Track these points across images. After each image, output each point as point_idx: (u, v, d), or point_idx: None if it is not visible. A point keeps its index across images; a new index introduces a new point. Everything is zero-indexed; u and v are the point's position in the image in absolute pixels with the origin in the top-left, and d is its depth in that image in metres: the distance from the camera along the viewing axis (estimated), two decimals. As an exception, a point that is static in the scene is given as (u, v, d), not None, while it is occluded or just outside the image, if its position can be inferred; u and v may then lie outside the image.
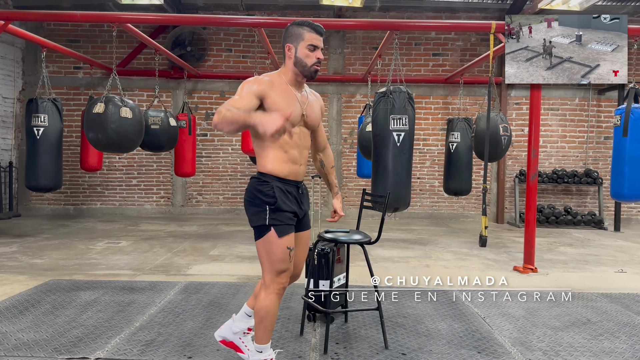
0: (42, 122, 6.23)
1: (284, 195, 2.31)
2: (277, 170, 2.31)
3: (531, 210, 5.19)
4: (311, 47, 2.31)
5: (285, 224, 2.29)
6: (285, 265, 2.30)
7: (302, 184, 2.44)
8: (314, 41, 2.31)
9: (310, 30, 2.31)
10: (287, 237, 2.30)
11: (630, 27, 5.40)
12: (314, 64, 2.33)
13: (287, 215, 2.31)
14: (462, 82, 8.17)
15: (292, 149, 2.32)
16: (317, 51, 2.32)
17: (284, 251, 2.29)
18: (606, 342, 3.09)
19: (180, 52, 8.53)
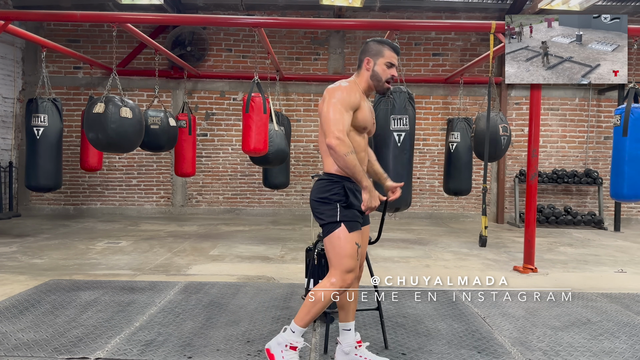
0: (42, 122, 6.23)
1: (352, 194, 2.42)
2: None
3: (531, 210, 5.19)
4: (389, 64, 2.48)
5: (355, 221, 2.41)
6: (353, 261, 2.37)
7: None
8: (392, 59, 2.49)
9: (390, 49, 2.49)
10: (356, 233, 2.40)
11: (630, 27, 5.41)
12: (387, 80, 2.50)
13: (356, 212, 2.43)
14: (462, 82, 8.17)
15: (361, 152, 2.48)
16: (392, 69, 2.49)
17: (353, 246, 2.37)
18: (606, 342, 3.09)
19: (180, 52, 8.53)
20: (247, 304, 3.70)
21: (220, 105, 9.10)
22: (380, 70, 2.48)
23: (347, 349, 2.60)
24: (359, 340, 2.63)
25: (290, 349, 2.44)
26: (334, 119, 2.31)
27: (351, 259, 2.36)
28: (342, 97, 2.36)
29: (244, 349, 2.86)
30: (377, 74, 2.48)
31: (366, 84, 2.52)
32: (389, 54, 2.48)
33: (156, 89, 7.10)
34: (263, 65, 7.23)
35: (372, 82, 2.50)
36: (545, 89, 8.75)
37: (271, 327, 3.21)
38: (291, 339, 2.44)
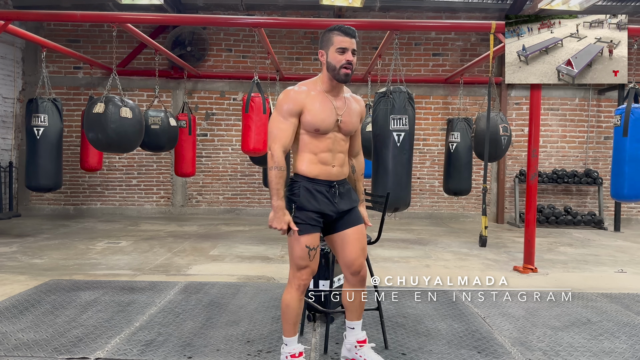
0: (42, 122, 6.22)
1: (310, 195, 2.38)
2: (307, 171, 2.40)
3: (531, 210, 5.19)
4: (340, 50, 2.33)
5: (307, 224, 2.37)
6: (303, 262, 2.38)
7: (337, 184, 2.45)
8: (342, 44, 2.33)
9: (339, 34, 2.34)
10: (306, 236, 2.37)
11: (630, 27, 5.41)
12: (342, 66, 2.33)
13: (310, 215, 2.37)
14: (462, 82, 8.17)
15: (323, 153, 2.40)
16: (346, 53, 2.33)
17: (302, 249, 2.36)
18: (606, 342, 3.08)
19: (180, 52, 8.53)
20: (247, 304, 3.70)
21: (220, 105, 9.10)
22: (332, 59, 2.34)
23: (348, 346, 2.64)
24: (362, 340, 2.60)
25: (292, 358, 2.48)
26: (269, 132, 2.38)
27: (301, 260, 2.38)
28: (279, 106, 2.38)
29: (244, 349, 2.86)
30: (330, 64, 2.35)
31: (327, 79, 2.41)
32: (339, 39, 2.33)
33: (156, 89, 7.10)
34: (263, 65, 7.23)
35: (329, 74, 2.38)
36: (545, 89, 8.75)
37: (271, 327, 3.21)
38: (287, 351, 2.49)
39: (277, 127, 2.35)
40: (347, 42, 2.33)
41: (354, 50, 2.35)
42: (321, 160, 2.40)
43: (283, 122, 2.35)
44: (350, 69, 2.35)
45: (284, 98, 2.38)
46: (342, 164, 2.48)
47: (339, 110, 2.42)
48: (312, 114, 2.35)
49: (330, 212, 2.42)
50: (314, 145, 2.39)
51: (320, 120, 2.36)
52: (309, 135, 2.39)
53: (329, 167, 2.41)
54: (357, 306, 2.59)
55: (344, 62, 2.33)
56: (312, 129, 2.37)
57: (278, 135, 2.34)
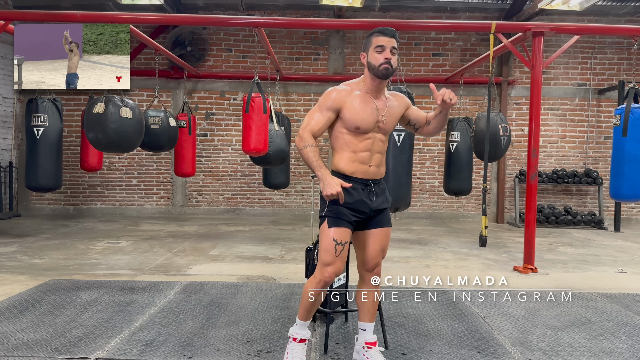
0: (42, 122, 6.22)
1: (345, 190, 2.40)
2: (344, 169, 2.46)
3: (531, 210, 5.19)
4: (379, 48, 2.40)
5: (337, 217, 2.41)
6: (329, 256, 2.40)
7: (373, 183, 2.48)
8: (380, 42, 2.40)
9: (377, 35, 2.42)
10: (336, 229, 2.41)
11: (630, 27, 5.40)
12: (381, 64, 2.39)
13: (342, 210, 2.41)
14: (462, 82, 8.16)
15: (362, 152, 2.45)
16: (385, 52, 2.39)
17: (330, 242, 2.40)
18: (606, 342, 3.09)
19: (180, 52, 8.53)
20: (247, 304, 3.70)
21: (220, 105, 9.10)
22: (372, 58, 2.42)
23: (357, 347, 2.67)
24: (370, 342, 2.59)
25: (293, 341, 2.56)
26: (304, 121, 2.49)
27: (327, 253, 2.40)
28: (320, 100, 2.48)
29: (244, 349, 2.86)
30: (370, 64, 2.43)
31: (369, 79, 2.47)
32: (376, 39, 2.42)
33: (156, 89, 7.10)
34: (263, 65, 7.23)
35: (371, 74, 2.44)
36: (546, 88, 8.76)
37: (271, 327, 3.21)
38: (294, 331, 2.57)
39: (311, 117, 2.47)
40: (384, 40, 2.40)
41: (394, 49, 2.42)
42: (359, 159, 2.45)
43: (319, 114, 2.46)
44: (389, 65, 2.39)
45: (326, 95, 2.47)
46: (379, 164, 2.51)
47: (381, 110, 2.48)
48: (352, 112, 2.42)
49: (365, 209, 2.45)
50: (354, 144, 2.45)
51: (361, 119, 2.42)
52: (349, 135, 2.45)
53: (366, 166, 2.46)
54: (370, 307, 2.60)
55: (382, 59, 2.39)
56: (353, 127, 2.43)
57: (310, 123, 2.45)
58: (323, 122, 2.46)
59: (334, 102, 2.44)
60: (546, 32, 5.28)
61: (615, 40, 8.94)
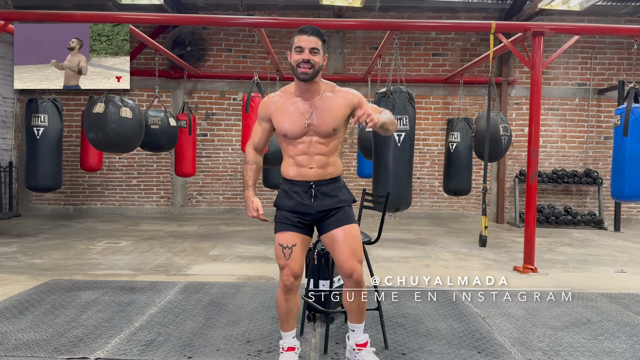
0: (42, 122, 6.23)
1: (286, 195, 2.48)
2: (286, 173, 2.50)
3: (531, 210, 5.19)
4: (297, 49, 2.33)
5: (281, 222, 2.46)
6: (281, 261, 2.42)
7: (315, 184, 2.43)
8: (299, 43, 2.32)
9: (297, 34, 2.35)
10: (280, 234, 2.45)
11: (630, 27, 5.40)
12: (298, 65, 2.32)
13: (285, 214, 2.46)
14: (462, 82, 8.17)
15: (299, 156, 2.44)
16: (303, 52, 2.31)
17: (277, 247, 2.44)
18: (606, 342, 3.08)
19: (180, 52, 8.53)
20: (247, 304, 3.70)
21: (220, 105, 9.10)
22: (291, 59, 2.35)
23: (348, 348, 2.66)
24: (361, 343, 2.57)
25: (281, 350, 2.59)
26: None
27: (278, 258, 2.44)
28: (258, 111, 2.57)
29: (244, 349, 2.86)
30: (291, 65, 2.37)
31: (296, 82, 2.43)
32: (297, 38, 2.33)
33: (156, 89, 7.10)
34: (263, 65, 7.23)
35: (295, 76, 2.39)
36: (546, 88, 8.75)
37: (271, 327, 3.21)
38: (281, 342, 2.61)
39: (253, 129, 2.60)
40: (303, 40, 2.31)
41: (314, 49, 2.31)
42: (297, 163, 2.44)
43: (257, 125, 2.57)
44: (307, 68, 2.30)
45: (260, 105, 2.54)
46: (323, 165, 2.44)
47: (305, 113, 2.40)
48: (277, 121, 2.45)
49: (308, 211, 2.44)
50: (290, 149, 2.46)
51: (285, 128, 2.42)
52: (284, 141, 2.47)
53: (305, 169, 2.44)
54: (356, 309, 2.55)
55: (298, 61, 2.31)
56: (281, 134, 2.45)
57: (251, 137, 2.59)
58: (260, 133, 2.55)
59: (262, 112, 2.50)
60: (546, 32, 5.27)
61: (615, 40, 8.94)
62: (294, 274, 2.41)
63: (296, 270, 2.41)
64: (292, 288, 2.44)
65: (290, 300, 2.47)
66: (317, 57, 2.32)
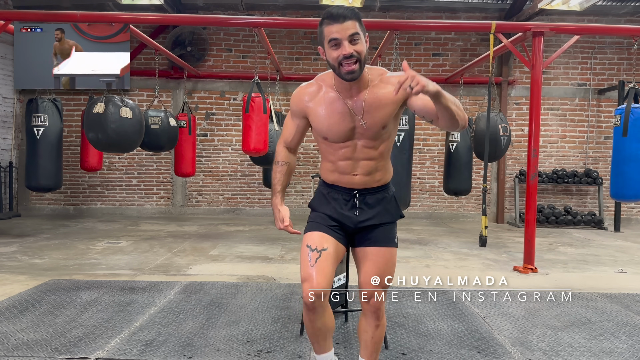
0: (42, 122, 6.23)
1: (324, 198, 2.13)
2: (325, 177, 2.15)
3: (531, 210, 5.19)
4: (332, 42, 1.84)
5: (314, 222, 2.08)
6: (304, 269, 1.96)
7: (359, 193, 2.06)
8: (332, 34, 1.83)
9: (327, 22, 1.85)
10: (310, 234, 2.04)
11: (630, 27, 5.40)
12: (340, 64, 1.85)
13: (321, 215, 2.09)
14: (462, 82, 8.16)
15: (341, 161, 2.04)
16: (342, 46, 1.82)
17: (304, 250, 1.99)
18: (606, 342, 3.09)
19: (180, 52, 8.53)
20: (247, 304, 3.70)
21: (220, 105, 9.10)
22: (329, 56, 1.88)
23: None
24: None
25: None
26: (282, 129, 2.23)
27: (302, 263, 1.97)
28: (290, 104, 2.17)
29: (244, 349, 2.86)
30: (330, 63, 1.91)
31: (337, 79, 1.96)
32: (327, 29, 1.84)
33: (156, 89, 7.10)
34: (263, 65, 7.23)
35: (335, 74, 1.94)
36: (546, 88, 8.75)
37: (271, 327, 3.21)
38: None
39: (285, 124, 2.20)
40: (337, 29, 1.81)
41: (354, 36, 1.82)
42: (339, 170, 2.05)
43: (289, 120, 2.17)
44: (352, 64, 1.83)
45: (292, 97, 2.13)
46: (370, 171, 2.04)
47: (357, 113, 1.95)
48: (317, 120, 2.03)
49: (347, 222, 2.06)
50: (330, 153, 2.05)
51: (327, 129, 2.00)
52: (324, 143, 2.06)
53: (349, 176, 2.04)
54: (369, 341, 2.12)
55: (340, 57, 1.83)
56: (321, 136, 2.05)
57: (283, 132, 2.20)
58: (294, 130, 2.15)
59: (296, 106, 2.10)
60: (546, 32, 5.27)
61: (615, 40, 8.94)
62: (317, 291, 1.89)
63: (321, 283, 1.90)
64: (315, 307, 1.92)
65: (316, 320, 1.99)
66: (360, 44, 1.84)
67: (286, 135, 2.18)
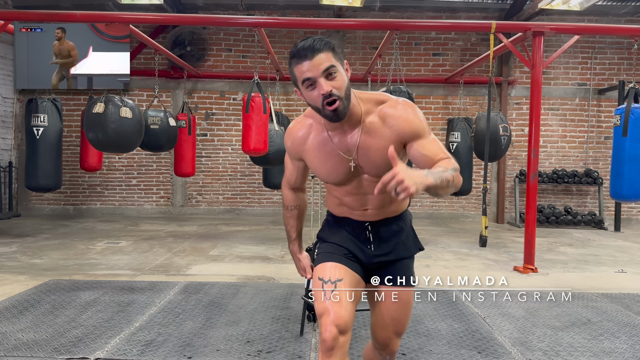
0: (42, 122, 6.22)
1: (334, 228, 1.88)
2: (333, 211, 1.92)
3: (531, 210, 5.19)
4: (306, 82, 1.60)
5: (325, 252, 1.82)
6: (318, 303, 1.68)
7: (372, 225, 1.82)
8: (304, 74, 1.59)
9: (295, 63, 1.62)
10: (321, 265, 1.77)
11: (630, 27, 5.39)
12: (323, 105, 1.59)
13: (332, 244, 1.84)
14: (462, 82, 8.16)
15: (347, 197, 1.82)
16: (318, 85, 1.58)
17: (316, 283, 1.72)
18: (606, 342, 3.08)
19: (180, 52, 8.53)
20: (247, 304, 3.70)
21: (220, 105, 9.10)
22: (307, 98, 1.64)
23: None
24: None
25: None
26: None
27: (316, 299, 1.70)
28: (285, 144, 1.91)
29: (243, 349, 2.86)
30: (311, 105, 1.67)
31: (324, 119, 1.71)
32: (298, 69, 1.61)
33: (156, 88, 7.09)
34: (263, 65, 7.22)
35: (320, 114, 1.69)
36: (546, 88, 8.75)
37: (271, 327, 3.21)
38: None
39: (285, 164, 1.98)
40: (308, 67, 1.58)
41: (329, 69, 1.57)
42: (347, 205, 1.83)
43: (288, 161, 1.95)
44: (334, 103, 1.58)
45: (285, 137, 1.88)
46: (383, 205, 1.80)
47: (347, 153, 1.72)
48: (312, 165, 1.82)
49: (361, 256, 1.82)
50: (334, 189, 1.84)
51: (325, 174, 1.79)
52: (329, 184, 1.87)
53: (359, 211, 1.82)
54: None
55: (319, 98, 1.58)
56: (323, 180, 1.85)
57: (285, 174, 2.00)
58: (295, 172, 1.95)
59: (291, 150, 1.88)
60: (546, 32, 5.27)
61: (616, 40, 8.93)
62: (339, 325, 1.61)
63: (342, 316, 1.63)
64: (334, 347, 1.60)
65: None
66: (338, 78, 1.60)
67: (288, 176, 1.99)
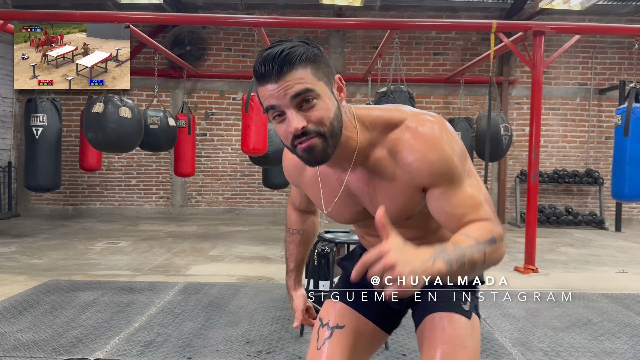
0: (41, 121, 6.21)
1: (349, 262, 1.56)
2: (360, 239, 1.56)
3: (532, 210, 5.18)
4: (272, 112, 1.09)
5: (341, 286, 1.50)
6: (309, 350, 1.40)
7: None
8: (267, 101, 1.08)
9: (257, 83, 1.09)
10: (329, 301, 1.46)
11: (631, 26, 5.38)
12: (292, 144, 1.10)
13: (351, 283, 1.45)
14: (462, 82, 8.15)
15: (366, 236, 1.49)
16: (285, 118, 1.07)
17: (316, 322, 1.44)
18: (607, 342, 3.07)
19: (180, 51, 8.51)
20: (246, 305, 3.69)
21: (220, 105, 9.09)
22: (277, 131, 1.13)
23: None
24: None
25: None
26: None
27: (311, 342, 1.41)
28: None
29: (243, 349, 2.85)
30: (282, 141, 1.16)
31: None
32: (261, 92, 1.08)
33: (155, 88, 7.08)
34: (263, 65, 7.20)
35: None
36: (547, 88, 8.74)
37: (271, 328, 3.20)
38: None
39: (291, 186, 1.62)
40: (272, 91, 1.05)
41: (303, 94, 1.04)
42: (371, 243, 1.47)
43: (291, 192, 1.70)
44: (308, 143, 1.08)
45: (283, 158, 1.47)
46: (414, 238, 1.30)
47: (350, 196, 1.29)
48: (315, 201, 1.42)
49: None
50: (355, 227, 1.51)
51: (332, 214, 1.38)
52: None
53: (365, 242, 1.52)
54: None
55: (289, 136, 1.08)
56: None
57: (290, 195, 1.71)
58: (298, 195, 1.63)
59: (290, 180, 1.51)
60: (547, 32, 5.26)
61: (616, 39, 8.92)
62: None
63: None
64: None
65: None
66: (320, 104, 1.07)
67: (293, 197, 1.68)
